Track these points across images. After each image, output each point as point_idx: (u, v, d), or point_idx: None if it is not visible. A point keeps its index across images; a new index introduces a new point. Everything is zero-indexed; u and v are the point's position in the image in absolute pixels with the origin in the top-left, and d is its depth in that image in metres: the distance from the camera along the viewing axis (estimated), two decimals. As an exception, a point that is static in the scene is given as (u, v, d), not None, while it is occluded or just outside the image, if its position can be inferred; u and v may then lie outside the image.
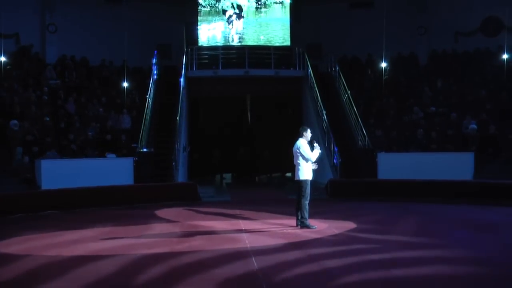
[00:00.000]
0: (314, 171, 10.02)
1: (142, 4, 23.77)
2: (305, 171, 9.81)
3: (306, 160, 9.77)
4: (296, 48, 21.63)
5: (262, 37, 23.08)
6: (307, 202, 9.76)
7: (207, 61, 21.71)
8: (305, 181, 9.79)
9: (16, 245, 8.73)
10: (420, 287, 6.12)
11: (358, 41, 23.54)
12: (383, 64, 21.57)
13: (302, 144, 9.83)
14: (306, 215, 9.76)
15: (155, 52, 21.50)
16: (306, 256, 7.63)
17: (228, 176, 23.91)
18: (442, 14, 23.93)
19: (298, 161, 9.82)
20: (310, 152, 9.79)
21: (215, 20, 23.04)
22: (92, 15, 23.35)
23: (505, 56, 20.30)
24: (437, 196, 14.22)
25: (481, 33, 23.26)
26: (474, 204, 13.16)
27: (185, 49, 21.35)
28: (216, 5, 23.00)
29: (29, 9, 22.91)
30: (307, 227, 9.70)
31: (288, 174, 22.33)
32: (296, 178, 9.92)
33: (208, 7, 23.00)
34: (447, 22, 23.64)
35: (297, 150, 9.82)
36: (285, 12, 23.19)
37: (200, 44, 22.60)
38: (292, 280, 6.40)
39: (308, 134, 9.99)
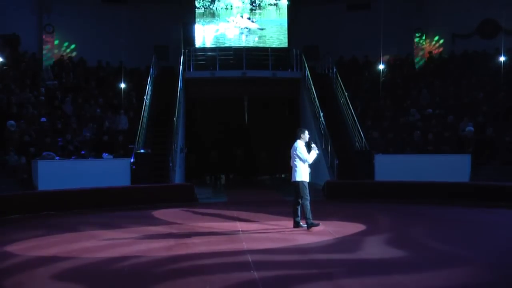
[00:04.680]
0: (311, 172, 10.02)
1: (139, 6, 23.80)
2: (303, 173, 9.81)
3: (304, 161, 9.77)
4: (294, 50, 21.64)
5: (256, 39, 23.13)
6: (308, 202, 9.74)
7: (204, 62, 21.72)
8: (303, 182, 9.79)
9: (12, 246, 8.68)
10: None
11: (355, 43, 23.60)
12: (380, 66, 21.61)
13: (299, 145, 9.83)
14: (310, 215, 9.72)
15: (154, 53, 21.52)
16: (303, 257, 7.63)
17: (225, 177, 23.90)
18: (439, 16, 24.00)
19: (296, 163, 9.83)
20: (307, 153, 9.78)
21: (212, 22, 23.09)
22: (89, 16, 23.37)
23: (502, 58, 20.36)
24: (433, 198, 14.24)
25: (478, 35, 23.32)
26: (470, 206, 13.15)
27: (182, 50, 21.33)
28: (211, 6, 23.04)
29: (27, 9, 22.93)
30: (313, 225, 9.70)
31: (285, 176, 22.32)
32: (293, 180, 9.92)
33: (202, 8, 23.04)
34: (444, 24, 23.72)
35: (294, 152, 9.83)
36: (279, 14, 23.26)
37: (196, 45, 22.62)
38: (289, 281, 6.39)
39: (306, 135, 9.98)
